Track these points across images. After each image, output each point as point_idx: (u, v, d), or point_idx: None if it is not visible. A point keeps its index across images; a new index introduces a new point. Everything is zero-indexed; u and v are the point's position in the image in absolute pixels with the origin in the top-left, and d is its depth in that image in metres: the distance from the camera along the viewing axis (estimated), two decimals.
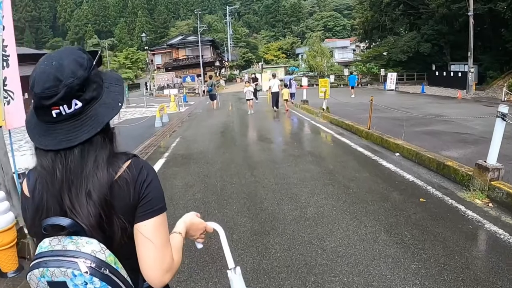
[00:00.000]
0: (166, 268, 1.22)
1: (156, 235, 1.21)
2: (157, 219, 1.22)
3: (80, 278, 1.05)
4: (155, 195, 1.24)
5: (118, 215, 1.18)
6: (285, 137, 12.48)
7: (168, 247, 1.25)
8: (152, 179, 1.25)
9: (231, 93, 42.64)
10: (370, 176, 6.97)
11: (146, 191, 1.22)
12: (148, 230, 1.20)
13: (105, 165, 1.18)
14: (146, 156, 10.48)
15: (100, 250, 1.10)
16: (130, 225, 1.21)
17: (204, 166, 8.53)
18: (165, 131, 15.38)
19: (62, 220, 1.11)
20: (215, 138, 12.50)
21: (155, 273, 1.21)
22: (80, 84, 1.13)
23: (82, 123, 1.16)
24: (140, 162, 1.26)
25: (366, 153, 8.88)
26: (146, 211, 1.21)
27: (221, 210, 5.62)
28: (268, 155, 9.29)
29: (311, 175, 7.20)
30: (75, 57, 1.16)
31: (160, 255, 1.21)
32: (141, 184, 1.21)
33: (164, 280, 1.22)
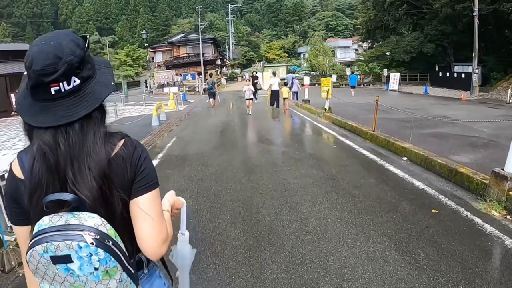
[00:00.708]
0: (163, 239, 1.29)
1: (153, 208, 1.29)
2: (153, 193, 1.30)
3: (86, 250, 1.08)
4: (150, 171, 1.31)
5: (117, 188, 1.23)
6: (285, 138, 11.94)
7: (163, 219, 1.32)
8: (146, 156, 1.32)
9: (232, 91, 42.09)
10: (376, 183, 6.45)
11: (142, 167, 1.29)
12: (145, 204, 1.27)
13: (103, 141, 1.23)
14: None
15: (102, 224, 1.14)
16: (129, 198, 1.27)
17: (199, 169, 8.02)
18: (161, 130, 14.87)
19: (65, 195, 1.14)
20: (213, 138, 11.98)
21: (153, 245, 1.27)
22: (78, 61, 1.19)
23: (80, 99, 1.22)
24: (133, 141, 1.32)
25: (372, 157, 8.35)
26: (142, 186, 1.28)
27: (213, 220, 5.10)
28: (267, 157, 8.76)
29: (313, 180, 6.68)
30: (72, 38, 1.22)
31: (157, 226, 1.28)
32: (136, 160, 1.28)
33: (162, 251, 1.29)
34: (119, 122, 17.60)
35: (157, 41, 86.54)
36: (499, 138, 9.82)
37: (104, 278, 1.13)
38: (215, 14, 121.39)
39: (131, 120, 16.86)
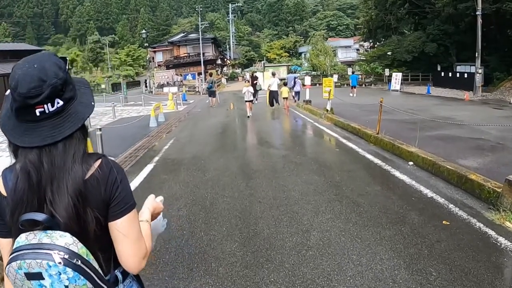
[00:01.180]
0: (142, 256, 1.37)
1: (131, 230, 1.35)
2: (129, 216, 1.35)
3: (55, 269, 1.13)
4: (125, 194, 1.35)
5: (92, 207, 1.27)
6: (286, 140, 11.54)
7: (141, 238, 1.38)
8: (121, 179, 1.35)
9: (232, 91, 41.72)
10: (382, 190, 6.09)
11: (117, 191, 1.32)
12: (123, 226, 1.33)
13: (81, 160, 1.28)
14: (135, 160, 9.63)
15: (73, 243, 1.18)
16: (103, 218, 1.31)
17: (195, 174, 7.67)
18: (159, 132, 14.54)
19: (38, 215, 1.19)
20: (211, 141, 11.63)
21: (134, 263, 1.35)
22: (62, 84, 1.26)
23: (64, 120, 1.27)
24: (109, 162, 1.36)
25: (376, 161, 7.99)
26: (119, 210, 1.33)
27: (208, 232, 4.75)
28: (267, 161, 8.40)
29: (314, 187, 6.32)
30: (54, 61, 1.28)
31: (137, 247, 1.35)
32: (112, 184, 1.31)
33: (141, 266, 1.38)
34: (116, 123, 17.27)
35: (158, 41, 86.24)
36: (506, 141, 9.49)
37: None
38: (216, 13, 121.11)
39: (129, 121, 16.50)
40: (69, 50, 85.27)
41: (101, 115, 23.24)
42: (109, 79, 57.82)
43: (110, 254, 1.36)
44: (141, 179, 7.65)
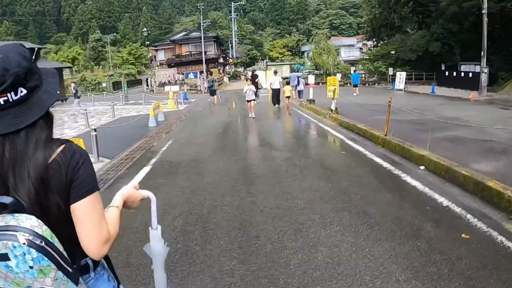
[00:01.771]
0: (103, 241, 1.36)
1: (91, 213, 1.35)
2: (90, 199, 1.36)
3: (19, 249, 1.15)
4: (87, 177, 1.37)
5: (53, 193, 1.31)
6: (289, 142, 11.02)
7: (103, 222, 1.38)
8: (83, 162, 1.37)
9: (234, 90, 41.23)
10: (394, 198, 5.64)
11: (78, 174, 1.34)
12: (83, 209, 1.34)
13: (43, 147, 1.32)
14: (131, 162, 9.21)
15: (38, 225, 1.20)
16: (65, 204, 1.34)
17: (193, 178, 7.24)
18: (158, 132, 14.12)
19: (5, 198, 1.22)
20: (211, 142, 11.20)
21: (93, 247, 1.35)
22: (25, 73, 1.29)
23: (27, 108, 1.32)
24: (73, 146, 1.38)
25: (385, 165, 7.53)
26: (79, 192, 1.34)
27: (204, 246, 4.32)
28: (270, 165, 7.94)
29: (321, 195, 5.87)
30: (19, 51, 1.33)
31: (96, 230, 1.35)
32: (73, 167, 1.34)
33: (103, 252, 1.37)
34: (115, 123, 16.87)
35: (160, 40, 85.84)
36: None
37: (39, 275, 1.18)
38: (218, 12, 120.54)
39: (128, 121, 16.09)
40: (71, 49, 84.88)
41: (100, 114, 22.88)
42: (111, 77, 57.33)
43: (77, 242, 1.36)
44: (136, 183, 7.20)
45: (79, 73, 65.02)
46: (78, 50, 78.95)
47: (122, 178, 7.63)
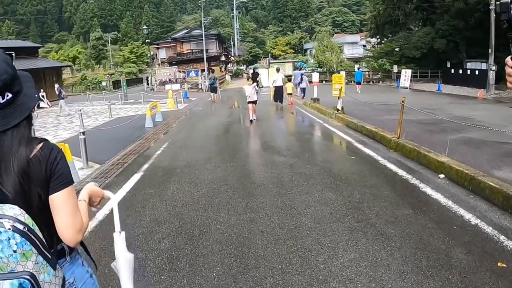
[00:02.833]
0: (78, 228, 1.51)
1: (67, 203, 1.51)
2: (67, 190, 1.51)
3: (5, 234, 1.25)
4: (63, 171, 1.52)
5: (34, 185, 1.45)
6: (293, 145, 10.12)
7: (78, 212, 1.54)
8: (60, 158, 1.53)
9: (236, 89, 40.39)
10: (415, 215, 4.84)
11: (56, 168, 1.50)
12: (60, 199, 1.50)
13: (25, 144, 1.47)
14: (122, 168, 8.47)
15: (20, 214, 1.33)
16: (44, 194, 1.48)
17: (186, 188, 6.48)
18: (155, 133, 13.39)
19: None
20: (209, 145, 10.41)
21: (69, 234, 1.49)
22: (10, 79, 1.44)
23: (13, 110, 1.46)
24: (50, 144, 1.54)
25: (400, 173, 6.73)
26: (57, 184, 1.49)
27: (192, 280, 3.55)
28: (272, 172, 7.14)
29: (331, 210, 5.09)
30: (3, 58, 1.44)
31: (72, 219, 1.50)
32: (51, 162, 1.50)
33: (77, 239, 1.52)
34: (110, 124, 16.11)
35: (162, 38, 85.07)
36: None
37: (21, 259, 1.27)
38: (220, 10, 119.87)
39: (124, 121, 15.31)
40: (72, 48, 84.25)
41: (97, 114, 22.18)
42: (111, 76, 56.60)
43: (54, 230, 1.50)
44: (124, 193, 6.48)
45: (80, 72, 64.34)
46: (79, 49, 78.28)
47: (110, 187, 6.87)
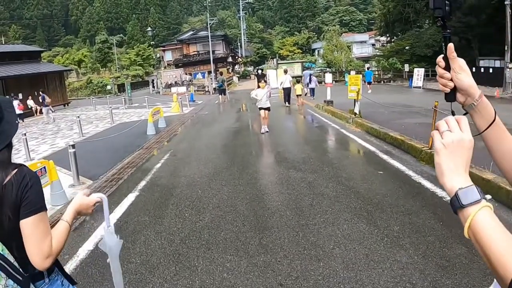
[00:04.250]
0: (44, 256, 1.52)
1: (35, 230, 1.52)
2: (36, 217, 1.53)
3: None
4: (33, 198, 1.54)
5: (7, 209, 1.49)
6: (310, 157, 8.76)
7: (46, 239, 1.54)
8: (32, 184, 1.55)
9: (244, 90, 39.39)
10: (469, 255, 3.72)
11: (27, 195, 1.52)
12: (28, 226, 1.51)
13: (1, 170, 1.52)
14: (116, 186, 7.46)
15: None
16: (15, 219, 1.50)
17: (186, 216, 5.43)
18: (157, 141, 12.38)
19: None
20: (214, 157, 9.32)
21: (36, 260, 1.51)
22: None
23: None
24: (24, 170, 1.56)
25: (440, 193, 5.59)
26: (27, 211, 1.52)
27: None
28: (288, 194, 6.03)
29: (366, 250, 4.00)
30: None
31: (39, 246, 1.51)
32: (23, 188, 1.52)
33: (45, 265, 1.54)
34: (111, 131, 15.13)
35: (168, 40, 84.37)
36: None
37: None
38: (226, 11, 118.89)
39: (126, 127, 14.29)
40: (78, 51, 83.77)
41: (99, 119, 21.22)
42: (117, 79, 55.78)
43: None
44: (113, 220, 5.44)
45: (86, 76, 63.68)
46: (85, 52, 77.70)
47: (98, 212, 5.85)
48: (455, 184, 0.88)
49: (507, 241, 0.76)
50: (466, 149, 0.91)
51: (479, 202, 0.82)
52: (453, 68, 1.07)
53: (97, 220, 5.46)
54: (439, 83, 1.11)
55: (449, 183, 0.88)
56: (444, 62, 1.08)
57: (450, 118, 0.95)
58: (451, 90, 1.07)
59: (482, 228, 0.79)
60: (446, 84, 1.08)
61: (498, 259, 0.74)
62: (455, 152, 0.90)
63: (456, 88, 1.07)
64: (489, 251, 0.76)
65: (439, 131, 0.94)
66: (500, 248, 0.75)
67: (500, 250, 0.75)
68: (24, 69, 29.69)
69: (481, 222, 0.79)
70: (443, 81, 1.08)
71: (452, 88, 1.07)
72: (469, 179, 0.88)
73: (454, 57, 1.06)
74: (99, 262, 4.20)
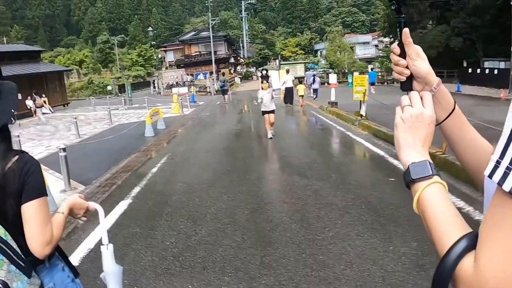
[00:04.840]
0: (46, 241, 1.52)
1: (37, 214, 1.52)
2: (37, 201, 1.54)
3: None
4: (35, 183, 1.55)
5: (9, 197, 1.49)
6: (316, 162, 8.25)
7: (47, 224, 1.55)
8: (33, 171, 1.56)
9: (246, 91, 38.95)
10: None
11: (28, 180, 1.53)
12: (30, 210, 1.52)
13: (1, 158, 1.50)
14: (108, 191, 7.00)
15: None
16: (17, 206, 1.51)
17: (181, 227, 4.96)
18: (155, 144, 11.94)
19: None
20: (214, 161, 8.84)
21: (36, 246, 1.50)
22: None
23: None
24: (25, 157, 1.58)
25: (459, 204, 5.09)
26: (29, 195, 1.52)
27: None
28: (293, 204, 5.53)
29: (381, 271, 3.49)
30: None
31: (40, 230, 1.51)
32: (25, 174, 1.52)
33: (45, 252, 1.53)
34: (108, 133, 14.67)
35: (170, 41, 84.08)
36: None
37: None
38: (229, 12, 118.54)
39: (124, 129, 13.83)
40: (81, 52, 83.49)
41: (98, 120, 20.78)
42: (118, 80, 55.38)
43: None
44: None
45: (87, 76, 63.36)
46: (85, 53, 77.41)
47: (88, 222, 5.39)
48: (410, 159, 0.86)
49: (448, 218, 0.73)
50: (425, 124, 0.89)
51: (430, 177, 0.79)
52: (409, 55, 1.00)
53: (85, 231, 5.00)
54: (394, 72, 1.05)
55: (405, 157, 0.87)
56: (399, 49, 1.01)
57: (413, 93, 0.94)
58: (407, 78, 1.00)
59: (427, 204, 0.77)
60: (401, 72, 1.01)
61: (436, 234, 0.73)
62: (414, 127, 0.89)
63: (412, 76, 1.01)
64: (430, 226, 0.75)
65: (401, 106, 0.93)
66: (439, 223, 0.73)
67: (438, 226, 0.73)
68: (23, 69, 29.27)
69: (428, 197, 0.77)
70: (398, 69, 1.02)
71: (408, 76, 1.01)
72: (425, 154, 0.86)
73: (410, 43, 0.99)
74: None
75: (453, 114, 1.02)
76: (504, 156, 0.61)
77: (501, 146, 0.62)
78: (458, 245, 0.67)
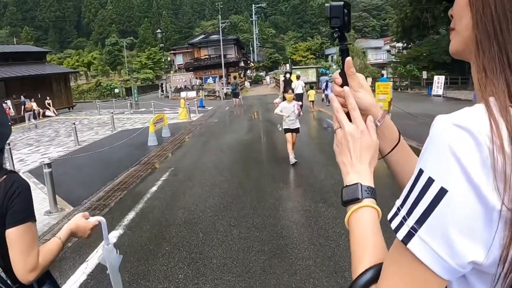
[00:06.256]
0: (29, 268, 1.43)
1: (20, 240, 1.43)
2: (21, 227, 1.44)
3: None
4: (20, 207, 1.45)
5: None
6: (341, 184, 7.16)
7: (32, 251, 1.44)
8: (19, 192, 1.46)
9: (256, 96, 37.92)
10: None
11: (13, 203, 1.44)
12: (13, 236, 1.43)
13: None
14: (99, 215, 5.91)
15: None
16: (2, 228, 1.43)
17: (180, 277, 3.87)
18: (157, 155, 10.90)
19: None
20: (222, 180, 7.67)
21: (19, 272, 1.43)
22: None
23: None
24: (13, 177, 1.49)
25: None
26: (12, 220, 1.43)
27: None
28: (322, 246, 4.39)
29: None
30: None
31: (23, 258, 1.42)
32: (10, 196, 1.44)
33: (29, 278, 1.44)
34: (110, 140, 13.67)
35: (180, 44, 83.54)
36: None
37: None
38: (239, 16, 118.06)
39: (127, 136, 12.74)
40: (90, 54, 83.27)
41: (101, 125, 19.82)
42: (126, 82, 54.71)
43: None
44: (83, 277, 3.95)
45: (95, 78, 62.82)
46: (94, 55, 77.02)
47: (66, 262, 4.37)
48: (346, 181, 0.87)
49: (364, 245, 0.74)
50: (357, 140, 0.87)
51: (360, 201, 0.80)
52: (352, 86, 0.95)
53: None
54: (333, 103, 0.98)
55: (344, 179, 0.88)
56: (341, 79, 0.97)
57: (338, 114, 0.91)
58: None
59: (351, 227, 0.79)
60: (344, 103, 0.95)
61: (352, 258, 0.75)
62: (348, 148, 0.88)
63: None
64: (351, 248, 0.77)
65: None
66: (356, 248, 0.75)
67: (355, 250, 0.75)
68: (28, 70, 28.53)
69: (353, 221, 0.79)
70: (341, 100, 0.95)
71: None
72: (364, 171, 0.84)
73: (353, 73, 0.95)
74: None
75: (398, 147, 0.96)
76: (404, 205, 0.60)
77: (404, 194, 0.61)
78: (363, 276, 0.68)
